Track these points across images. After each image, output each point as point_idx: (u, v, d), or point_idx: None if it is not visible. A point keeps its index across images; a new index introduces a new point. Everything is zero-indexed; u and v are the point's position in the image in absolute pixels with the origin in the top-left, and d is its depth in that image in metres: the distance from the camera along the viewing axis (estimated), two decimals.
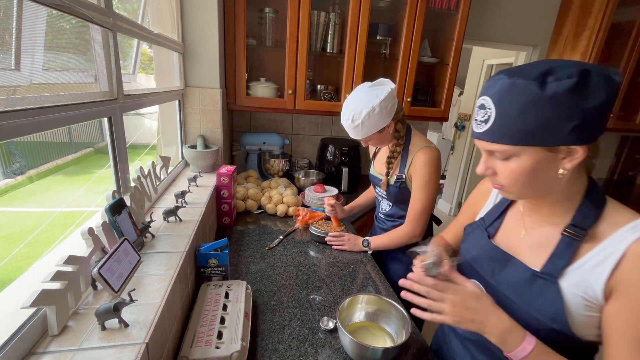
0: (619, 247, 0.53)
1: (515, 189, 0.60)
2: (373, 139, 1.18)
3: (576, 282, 0.56)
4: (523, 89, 0.50)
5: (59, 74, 0.80)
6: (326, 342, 0.84)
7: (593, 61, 2.18)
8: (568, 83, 0.48)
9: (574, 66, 0.49)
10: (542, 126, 0.51)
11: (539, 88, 0.49)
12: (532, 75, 0.50)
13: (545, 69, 0.50)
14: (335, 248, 1.30)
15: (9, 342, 0.49)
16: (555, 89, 0.49)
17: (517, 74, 0.52)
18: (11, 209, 4.74)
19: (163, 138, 1.67)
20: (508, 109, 0.52)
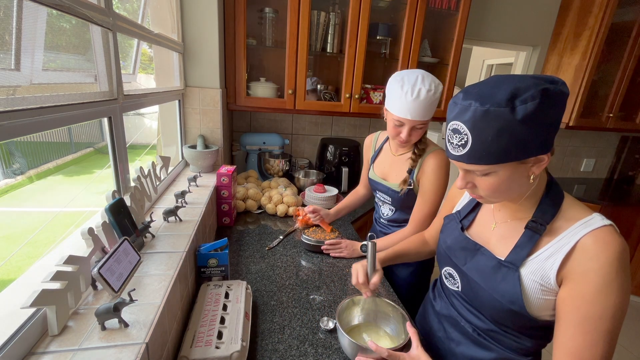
0: (571, 240, 0.60)
1: (494, 198, 0.66)
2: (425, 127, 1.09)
3: (534, 270, 0.64)
4: (496, 115, 0.54)
5: (59, 74, 0.80)
6: (326, 342, 0.84)
7: (593, 61, 2.17)
8: (533, 105, 0.53)
9: (533, 86, 0.54)
10: (516, 145, 0.56)
11: (510, 114, 0.53)
12: (502, 101, 0.54)
13: (511, 92, 0.54)
14: (333, 255, 1.27)
15: (9, 342, 0.49)
16: (524, 112, 0.53)
17: (488, 101, 0.55)
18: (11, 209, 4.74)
19: (163, 138, 1.67)
20: (484, 134, 0.56)
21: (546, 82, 0.55)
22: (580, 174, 2.93)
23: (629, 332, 2.35)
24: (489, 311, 0.72)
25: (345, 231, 1.49)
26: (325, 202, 1.69)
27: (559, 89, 0.55)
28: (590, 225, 0.59)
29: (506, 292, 0.66)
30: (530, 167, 0.60)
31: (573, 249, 0.59)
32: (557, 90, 0.54)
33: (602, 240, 0.57)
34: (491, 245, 0.73)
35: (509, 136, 0.55)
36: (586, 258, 0.58)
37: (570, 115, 2.33)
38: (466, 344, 0.79)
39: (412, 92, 1.01)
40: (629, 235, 2.47)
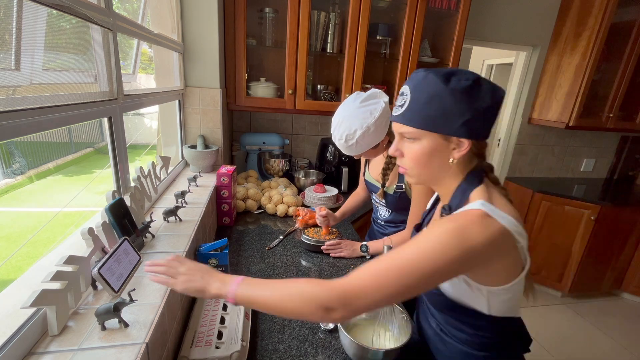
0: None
1: (415, 172, 0.70)
2: (366, 153, 1.15)
3: None
4: (432, 81, 0.62)
5: (59, 74, 0.80)
6: (326, 342, 0.84)
7: (593, 61, 2.18)
8: (465, 83, 0.61)
9: (471, 73, 0.63)
10: (442, 115, 0.62)
11: (444, 83, 0.61)
12: (441, 72, 0.62)
13: (452, 70, 0.63)
14: (333, 255, 1.26)
15: (9, 342, 0.49)
16: (455, 85, 0.61)
17: (431, 71, 0.64)
18: (11, 209, 4.74)
19: (163, 138, 1.67)
20: (420, 96, 0.63)
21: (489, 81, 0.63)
22: (580, 174, 2.93)
23: (629, 332, 2.35)
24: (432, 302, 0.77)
25: (345, 231, 1.49)
26: (325, 202, 1.69)
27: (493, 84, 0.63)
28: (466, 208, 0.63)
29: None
30: (452, 148, 0.65)
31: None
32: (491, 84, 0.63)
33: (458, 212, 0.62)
34: None
35: (438, 103, 0.62)
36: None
37: (570, 115, 2.33)
38: (434, 342, 0.80)
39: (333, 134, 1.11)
40: (629, 235, 2.47)
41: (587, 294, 2.69)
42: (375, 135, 1.06)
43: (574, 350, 2.15)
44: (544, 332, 2.28)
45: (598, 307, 2.60)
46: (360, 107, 1.05)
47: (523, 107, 2.59)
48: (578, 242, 2.43)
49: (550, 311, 2.52)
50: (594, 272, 2.54)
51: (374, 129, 1.04)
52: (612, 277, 2.61)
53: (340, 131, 1.06)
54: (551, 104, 2.45)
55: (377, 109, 1.04)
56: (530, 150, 2.73)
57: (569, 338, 2.25)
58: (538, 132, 2.69)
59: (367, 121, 1.03)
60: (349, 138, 1.05)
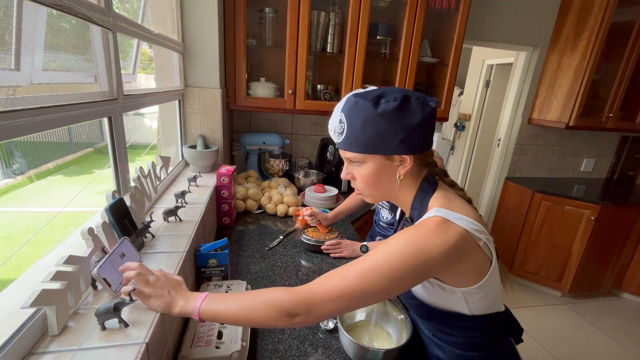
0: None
1: (368, 192, 0.73)
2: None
3: None
4: (363, 107, 0.64)
5: (59, 74, 0.80)
6: (326, 342, 0.84)
7: (593, 61, 2.18)
8: (393, 104, 0.62)
9: (399, 92, 0.64)
10: (379, 137, 0.64)
11: (374, 107, 0.63)
12: (369, 97, 0.64)
13: (380, 93, 0.64)
14: (333, 255, 1.26)
15: (9, 342, 0.49)
16: (384, 108, 0.63)
17: (360, 95, 0.65)
18: (11, 209, 4.74)
19: (163, 138, 1.67)
20: (354, 122, 0.66)
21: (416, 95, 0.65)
22: (580, 174, 2.94)
23: (629, 332, 2.35)
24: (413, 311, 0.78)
25: (346, 231, 1.49)
26: (325, 202, 1.69)
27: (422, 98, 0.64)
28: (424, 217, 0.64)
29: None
30: (396, 166, 0.67)
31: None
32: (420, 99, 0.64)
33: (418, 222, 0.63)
34: None
35: (372, 127, 0.64)
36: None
37: (570, 115, 2.33)
38: (430, 345, 0.80)
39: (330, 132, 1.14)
40: (629, 235, 2.47)
41: (587, 294, 2.69)
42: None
43: (574, 350, 2.15)
44: (544, 332, 2.28)
45: (598, 307, 2.60)
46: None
47: (523, 107, 2.59)
48: (578, 242, 2.43)
49: (550, 311, 2.52)
50: (594, 272, 2.54)
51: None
52: (612, 277, 2.61)
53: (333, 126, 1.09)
54: (551, 104, 2.45)
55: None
56: (530, 150, 2.74)
57: (568, 338, 2.25)
58: (538, 132, 2.69)
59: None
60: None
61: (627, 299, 2.73)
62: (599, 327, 2.38)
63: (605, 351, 2.16)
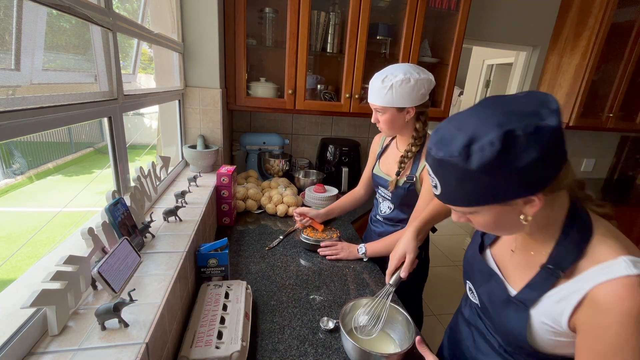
0: (584, 286, 0.52)
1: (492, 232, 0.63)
2: (386, 115, 1.11)
3: (544, 312, 0.57)
4: (450, 165, 0.50)
5: (59, 74, 0.80)
6: (326, 342, 0.84)
7: (593, 61, 2.17)
8: (492, 151, 0.47)
9: (494, 129, 0.47)
10: (485, 190, 0.51)
11: (464, 162, 0.49)
12: (455, 150, 0.49)
13: (467, 139, 0.49)
14: (329, 259, 1.24)
15: (9, 342, 0.49)
16: (480, 160, 0.47)
17: (442, 149, 0.51)
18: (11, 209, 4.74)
19: (163, 138, 1.67)
20: (447, 180, 0.53)
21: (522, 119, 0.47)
22: (580, 174, 2.93)
23: None
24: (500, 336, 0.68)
25: (345, 231, 1.49)
26: (325, 202, 1.69)
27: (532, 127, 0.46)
28: (609, 273, 0.49)
29: (513, 328, 0.61)
30: (519, 208, 0.53)
31: (584, 299, 0.52)
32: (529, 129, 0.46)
33: (615, 294, 0.48)
34: (508, 272, 0.67)
35: (472, 183, 0.50)
36: (595, 311, 0.50)
37: (570, 115, 2.33)
38: (493, 357, 0.72)
39: (373, 78, 1.12)
40: (629, 235, 2.46)
41: None
42: (410, 93, 1.07)
43: None
44: None
45: None
46: (411, 66, 1.10)
47: None
48: None
49: None
50: None
51: (413, 83, 1.06)
52: None
53: (383, 73, 1.08)
54: None
55: (424, 75, 1.08)
56: None
57: None
58: None
59: (411, 74, 1.06)
60: (387, 79, 1.06)
61: None
62: None
63: None
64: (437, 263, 3.12)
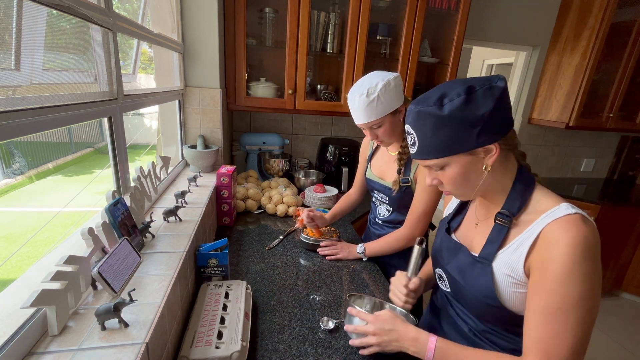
0: (535, 230, 0.61)
1: (459, 192, 0.69)
2: (385, 125, 1.11)
3: (504, 263, 0.65)
4: (427, 114, 0.61)
5: (59, 74, 0.80)
6: (326, 342, 0.84)
7: (593, 61, 2.17)
8: (459, 101, 0.59)
9: (460, 85, 0.60)
10: (454, 138, 0.61)
11: (438, 110, 0.60)
12: (431, 101, 0.61)
13: (440, 94, 0.61)
14: (329, 259, 1.24)
15: (9, 342, 0.49)
16: (450, 107, 0.59)
17: (420, 103, 0.62)
18: (11, 209, 4.74)
19: (163, 138, 1.67)
20: (423, 131, 0.63)
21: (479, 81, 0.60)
22: (581, 174, 2.93)
23: (629, 332, 2.35)
24: (472, 309, 0.74)
25: (345, 231, 1.49)
26: (325, 202, 1.69)
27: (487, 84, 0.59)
28: (554, 215, 0.60)
29: (482, 287, 0.68)
30: (481, 158, 0.63)
31: (537, 239, 0.61)
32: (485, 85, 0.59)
33: (562, 228, 0.57)
34: (474, 244, 0.74)
35: (444, 131, 0.61)
36: (546, 247, 0.59)
37: (570, 115, 2.33)
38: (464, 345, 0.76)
39: (351, 99, 1.10)
40: (629, 235, 2.47)
41: None
42: (396, 94, 1.09)
43: None
44: None
45: None
46: (377, 72, 1.12)
47: (523, 107, 2.59)
48: None
49: None
50: None
51: (394, 84, 1.07)
52: (612, 277, 2.61)
53: (360, 89, 1.07)
54: (551, 104, 2.45)
55: (394, 73, 1.10)
56: (530, 150, 2.73)
57: None
58: (538, 132, 2.69)
59: (387, 76, 1.08)
60: (371, 92, 1.06)
61: (627, 299, 2.73)
62: (599, 327, 2.37)
63: (605, 351, 2.16)
64: None
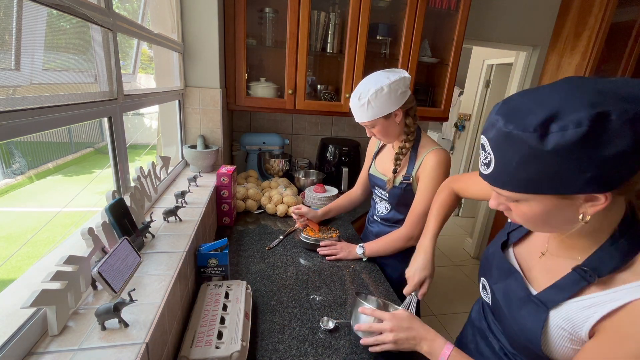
0: (625, 296, 0.47)
1: (532, 228, 0.56)
2: (378, 126, 1.13)
3: (566, 317, 0.53)
4: (519, 141, 0.44)
5: (59, 74, 0.80)
6: (326, 342, 0.84)
7: (593, 61, 2.17)
8: (575, 133, 0.40)
9: (585, 109, 0.40)
10: (548, 178, 0.44)
11: (539, 141, 0.42)
12: (531, 125, 0.42)
13: (548, 114, 0.42)
14: (329, 259, 1.23)
15: (9, 342, 0.49)
16: (558, 141, 0.41)
17: (513, 121, 0.44)
18: (11, 209, 4.74)
19: (163, 138, 1.67)
20: (507, 157, 0.46)
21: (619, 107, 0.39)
22: None
23: None
24: (509, 337, 0.65)
25: (345, 231, 1.49)
26: (325, 202, 1.69)
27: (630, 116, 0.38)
28: None
29: (527, 330, 0.57)
30: (579, 204, 0.46)
31: (622, 307, 0.46)
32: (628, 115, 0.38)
33: None
34: (532, 274, 0.63)
35: (536, 167, 0.44)
36: (632, 322, 0.45)
37: None
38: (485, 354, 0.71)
39: (351, 98, 1.15)
40: None
41: None
42: (389, 99, 1.08)
43: None
44: None
45: None
46: (381, 74, 1.11)
47: None
48: None
49: None
50: None
51: (387, 91, 1.07)
52: None
53: (356, 91, 1.11)
54: None
55: (395, 76, 1.08)
56: None
57: None
58: None
59: (382, 82, 1.07)
60: (362, 97, 1.08)
61: None
62: None
63: None
64: (437, 263, 3.12)
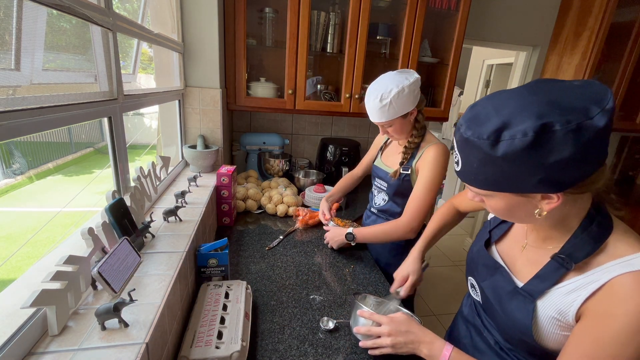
0: (602, 277, 0.51)
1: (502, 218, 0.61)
2: (395, 125, 1.16)
3: (552, 304, 0.56)
4: (476, 146, 0.48)
5: (59, 74, 0.80)
6: (326, 342, 0.84)
7: (593, 61, 2.17)
8: (522, 142, 0.44)
9: (531, 119, 0.44)
10: (504, 179, 0.49)
11: (490, 148, 0.46)
12: (485, 133, 0.47)
13: (501, 124, 0.46)
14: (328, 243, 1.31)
15: (9, 342, 0.49)
16: (506, 149, 0.45)
17: (472, 128, 0.49)
18: (11, 209, 4.74)
19: (163, 138, 1.67)
20: (469, 159, 0.51)
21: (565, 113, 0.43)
22: None
23: None
24: (503, 332, 0.67)
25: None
26: None
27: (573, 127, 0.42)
28: (632, 265, 0.48)
29: (518, 321, 0.60)
30: (537, 201, 0.51)
31: (601, 287, 0.50)
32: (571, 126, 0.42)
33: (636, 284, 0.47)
34: (516, 267, 0.66)
35: (492, 168, 0.48)
36: (610, 300, 0.49)
37: None
38: (490, 356, 0.72)
39: (367, 99, 1.15)
40: None
41: None
42: (408, 99, 1.11)
43: None
44: None
45: None
46: (396, 74, 1.12)
47: None
48: None
49: None
50: None
51: (407, 91, 1.09)
52: None
53: (376, 92, 1.11)
54: None
55: (411, 77, 1.11)
56: None
57: None
58: None
59: (402, 83, 1.09)
60: (384, 97, 1.10)
61: None
62: None
63: None
64: (437, 263, 3.12)
